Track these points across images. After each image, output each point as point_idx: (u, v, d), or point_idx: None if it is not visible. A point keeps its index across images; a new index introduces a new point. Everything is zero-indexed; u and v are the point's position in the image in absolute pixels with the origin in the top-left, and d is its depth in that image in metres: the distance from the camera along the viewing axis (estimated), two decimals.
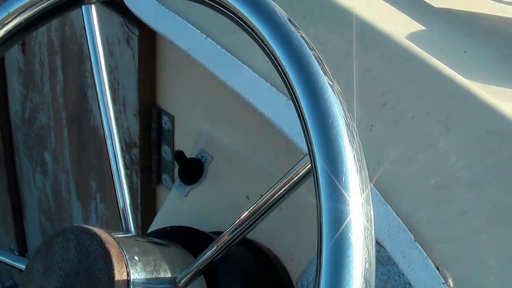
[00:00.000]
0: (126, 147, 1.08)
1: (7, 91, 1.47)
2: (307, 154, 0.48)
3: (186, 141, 0.97)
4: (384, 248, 0.67)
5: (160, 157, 1.05)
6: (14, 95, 1.45)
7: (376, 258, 0.70)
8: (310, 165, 0.48)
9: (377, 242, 0.68)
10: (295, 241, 0.77)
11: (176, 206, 0.89)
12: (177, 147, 1.02)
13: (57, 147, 1.35)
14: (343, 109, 0.48)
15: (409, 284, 0.66)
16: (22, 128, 1.47)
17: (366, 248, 0.44)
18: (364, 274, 0.44)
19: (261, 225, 0.80)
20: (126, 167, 0.70)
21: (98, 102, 0.68)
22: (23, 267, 0.68)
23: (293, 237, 0.78)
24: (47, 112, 1.35)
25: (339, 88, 0.49)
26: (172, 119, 1.01)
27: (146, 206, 1.09)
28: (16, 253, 1.63)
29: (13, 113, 1.48)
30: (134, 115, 1.04)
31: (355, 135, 0.47)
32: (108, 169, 0.67)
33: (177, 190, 0.89)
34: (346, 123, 0.47)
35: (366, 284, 0.44)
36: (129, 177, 1.06)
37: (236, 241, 0.60)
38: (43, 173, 1.45)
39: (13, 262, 0.72)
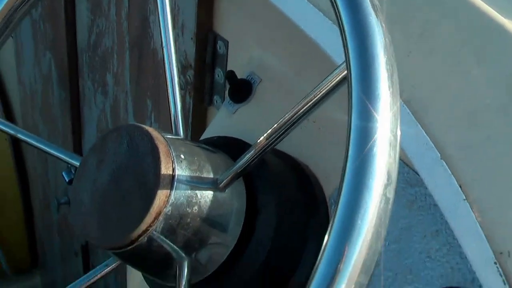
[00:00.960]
0: (182, 69, 1.11)
1: (75, 18, 1.53)
2: (344, 62, 0.50)
3: (238, 65, 1.00)
4: (413, 169, 0.70)
5: (213, 79, 1.08)
6: (81, 21, 1.51)
7: (405, 180, 0.73)
8: (345, 72, 0.50)
9: (406, 164, 0.71)
10: (333, 161, 0.80)
11: (224, 122, 0.92)
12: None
13: (119, 70, 1.40)
14: (380, 22, 0.49)
15: (434, 205, 0.69)
16: (87, 51, 1.52)
17: (389, 149, 0.46)
18: (388, 168, 0.45)
19: (301, 143, 0.83)
20: (180, 87, 0.75)
21: (159, 26, 0.71)
22: (77, 164, 0.72)
23: (331, 156, 0.81)
24: (111, 36, 1.39)
25: (377, 1, 0.51)
26: (226, 43, 1.04)
27: (197, 125, 1.13)
28: (73, 170, 1.70)
29: (80, 38, 1.54)
30: (192, 38, 1.08)
31: (389, 45, 0.49)
32: (164, 90, 0.70)
33: (226, 107, 0.92)
34: (382, 33, 0.49)
35: (388, 176, 0.45)
36: (183, 97, 1.11)
37: (273, 145, 0.61)
38: (103, 94, 1.50)
39: (70, 160, 0.76)
